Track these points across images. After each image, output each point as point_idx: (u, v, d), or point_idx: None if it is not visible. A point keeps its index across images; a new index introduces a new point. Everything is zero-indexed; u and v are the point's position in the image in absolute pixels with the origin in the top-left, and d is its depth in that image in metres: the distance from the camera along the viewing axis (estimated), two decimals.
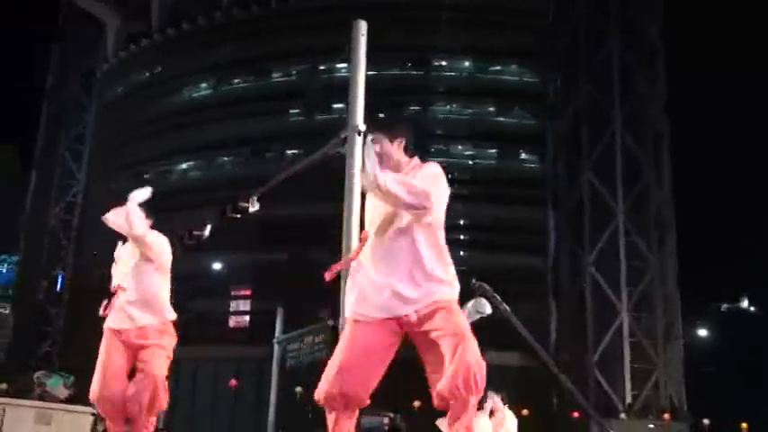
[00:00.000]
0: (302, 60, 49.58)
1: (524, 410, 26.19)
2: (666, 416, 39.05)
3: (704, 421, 38.71)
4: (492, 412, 8.62)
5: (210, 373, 42.27)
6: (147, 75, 56.11)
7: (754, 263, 54.32)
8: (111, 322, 5.24)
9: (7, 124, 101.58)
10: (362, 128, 5.95)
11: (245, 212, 6.85)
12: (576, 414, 35.31)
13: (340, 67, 43.04)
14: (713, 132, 59.77)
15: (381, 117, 3.79)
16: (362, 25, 6.23)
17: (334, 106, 42.74)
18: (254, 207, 6.83)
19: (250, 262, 43.05)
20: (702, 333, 46.44)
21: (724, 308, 57.49)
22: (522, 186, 45.07)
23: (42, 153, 59.50)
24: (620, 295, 41.59)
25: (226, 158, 50.52)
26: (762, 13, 53.13)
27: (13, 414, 8.18)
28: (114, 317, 5.23)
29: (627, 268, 41.89)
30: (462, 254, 39.18)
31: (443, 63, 49.81)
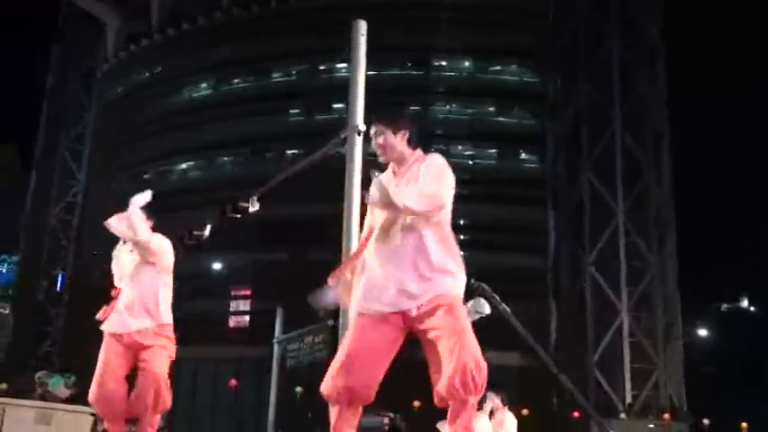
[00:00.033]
0: (302, 60, 49.60)
1: (524, 410, 26.21)
2: (666, 416, 39.06)
3: (704, 421, 38.74)
4: (492, 413, 8.60)
5: (210, 373, 42.27)
6: (147, 75, 56.11)
7: (754, 263, 54.34)
8: (109, 326, 5.21)
9: (7, 124, 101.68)
10: (362, 128, 5.95)
11: (245, 212, 6.85)
12: (576, 414, 35.30)
13: (340, 67, 43.05)
14: (713, 132, 59.81)
15: (385, 109, 3.78)
16: (362, 25, 6.23)
17: (334, 106, 42.76)
18: (254, 207, 6.83)
19: (250, 262, 43.06)
20: (702, 333, 46.47)
21: (724, 308, 57.50)
22: (522, 186, 45.07)
23: (42, 153, 59.51)
24: (620, 295, 41.60)
25: (226, 158, 50.52)
26: (762, 12, 53.12)
27: (13, 414, 8.18)
28: (113, 321, 5.20)
29: (627, 268, 41.90)
30: (462, 254, 38.75)
31: (443, 63, 49.81)
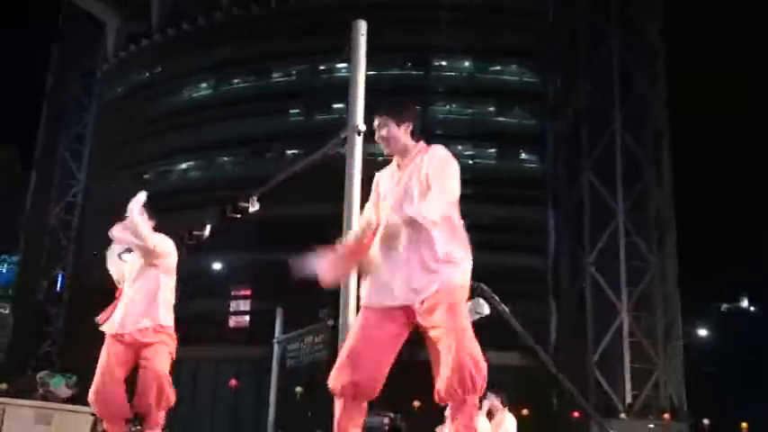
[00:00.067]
0: (302, 60, 49.60)
1: (524, 410, 26.23)
2: (666, 416, 39.07)
3: (704, 421, 38.78)
4: (491, 413, 8.52)
5: (210, 373, 42.28)
6: (147, 75, 56.11)
7: (754, 263, 54.40)
8: (110, 327, 5.19)
9: (7, 124, 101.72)
10: (362, 128, 5.95)
11: (245, 212, 6.85)
12: (576, 414, 35.31)
13: (340, 67, 43.05)
14: (713, 132, 59.74)
15: (389, 101, 3.81)
16: (362, 25, 6.22)
17: (334, 106, 42.76)
18: (254, 207, 6.83)
19: (250, 262, 43.01)
20: (702, 333, 46.53)
21: (724, 308, 57.58)
22: (522, 186, 45.07)
23: (42, 153, 59.52)
24: (620, 295, 41.61)
25: (226, 158, 50.52)
26: (762, 12, 53.12)
27: (13, 414, 8.16)
28: (113, 321, 5.19)
29: (627, 268, 41.91)
30: None
31: (443, 63, 49.81)
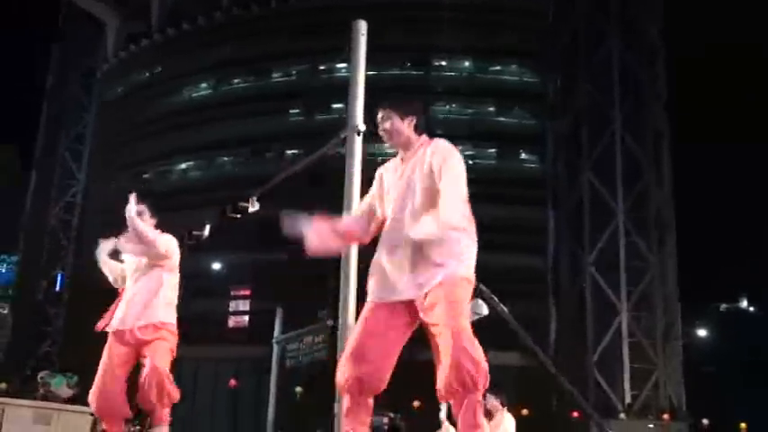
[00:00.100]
0: (302, 60, 49.57)
1: (524, 410, 26.23)
2: (666, 416, 39.06)
3: (703, 421, 38.80)
4: (490, 414, 8.47)
5: (210, 373, 42.26)
6: (147, 75, 56.09)
7: (753, 263, 54.40)
8: (110, 325, 5.19)
9: (7, 124, 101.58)
10: (362, 128, 5.94)
11: (244, 212, 6.84)
12: (576, 414, 35.32)
13: (340, 67, 43.03)
14: (713, 132, 59.69)
15: (394, 95, 3.89)
16: (362, 25, 6.21)
17: (334, 106, 42.75)
18: (254, 207, 6.82)
19: (250, 262, 43.00)
20: (702, 333, 46.51)
21: (723, 308, 57.57)
22: (522, 186, 45.04)
23: (42, 153, 59.49)
24: (620, 295, 41.59)
25: (226, 158, 50.50)
26: (762, 11, 53.11)
27: (13, 414, 8.17)
28: (115, 319, 5.19)
29: (627, 268, 41.90)
30: None
31: (443, 63, 49.80)
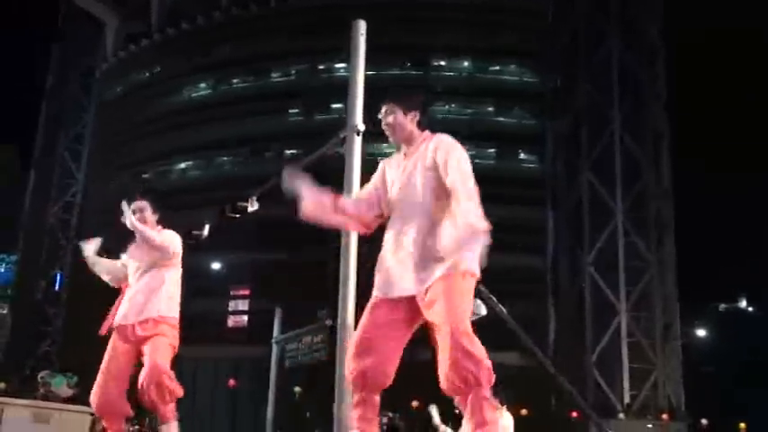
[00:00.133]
0: (301, 60, 49.60)
1: (523, 410, 26.24)
2: (665, 416, 39.08)
3: (702, 421, 38.80)
4: None
5: (209, 373, 42.27)
6: (146, 74, 56.10)
7: (753, 263, 54.46)
8: (114, 321, 5.20)
9: (7, 124, 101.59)
10: (362, 128, 5.94)
11: (244, 212, 6.84)
12: (575, 414, 35.31)
13: (339, 66, 43.06)
14: (713, 132, 59.81)
15: (398, 89, 3.92)
16: (362, 25, 6.20)
17: (334, 106, 42.76)
18: (254, 207, 6.82)
19: (249, 262, 43.03)
20: (701, 333, 46.51)
21: (722, 308, 57.59)
22: (522, 186, 45.05)
23: (41, 153, 59.49)
24: (619, 295, 41.61)
25: (225, 158, 50.52)
26: (762, 11, 53.12)
27: (12, 414, 8.16)
28: (117, 314, 5.20)
29: (626, 268, 41.92)
30: None
31: (443, 63, 49.82)
